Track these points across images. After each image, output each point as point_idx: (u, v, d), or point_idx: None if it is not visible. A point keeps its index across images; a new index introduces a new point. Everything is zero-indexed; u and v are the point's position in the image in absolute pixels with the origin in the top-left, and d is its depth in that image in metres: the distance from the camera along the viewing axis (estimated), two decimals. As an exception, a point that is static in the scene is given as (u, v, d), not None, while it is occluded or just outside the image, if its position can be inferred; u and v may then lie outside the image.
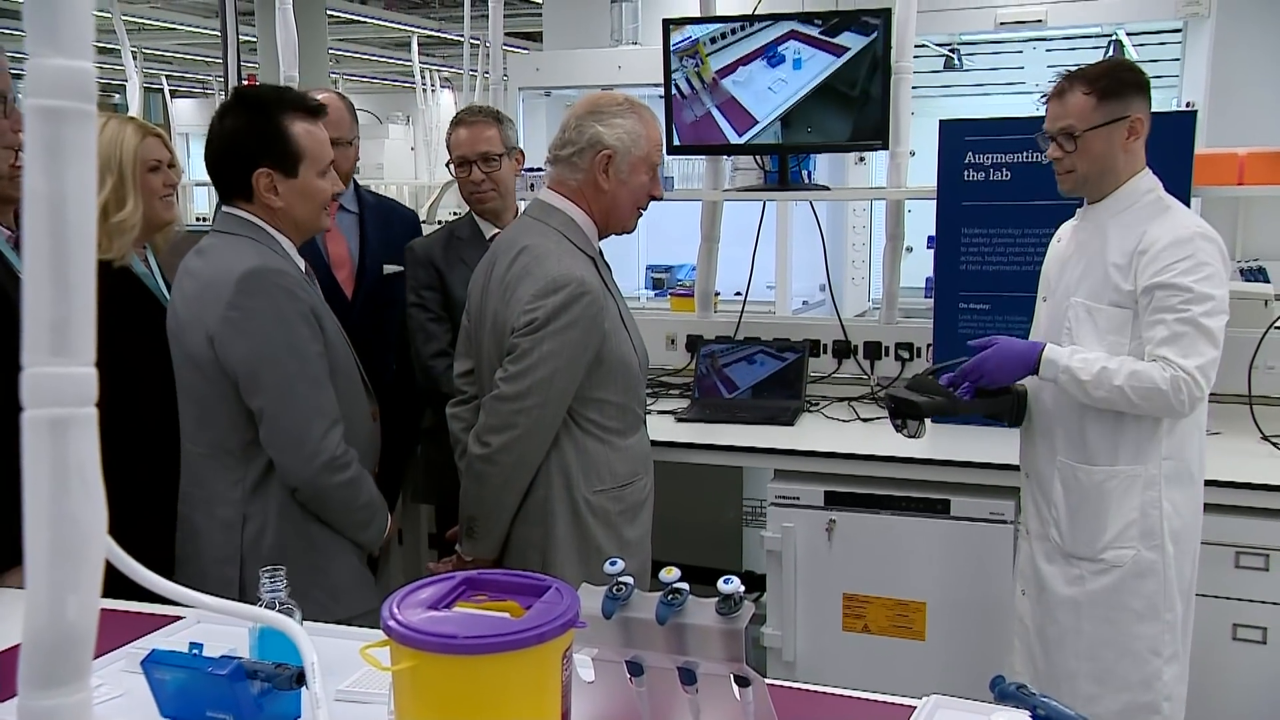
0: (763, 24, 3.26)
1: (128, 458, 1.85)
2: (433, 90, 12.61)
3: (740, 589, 1.23)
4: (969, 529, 2.77)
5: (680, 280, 5.14)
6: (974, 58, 4.97)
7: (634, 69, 4.55)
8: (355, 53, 13.83)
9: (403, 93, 15.59)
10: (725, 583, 1.23)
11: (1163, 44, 4.53)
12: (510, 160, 2.89)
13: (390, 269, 2.93)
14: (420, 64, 11.73)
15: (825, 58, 3.19)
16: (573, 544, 2.17)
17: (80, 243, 0.68)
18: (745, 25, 3.28)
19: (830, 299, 3.82)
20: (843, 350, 3.55)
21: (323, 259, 2.81)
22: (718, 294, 3.90)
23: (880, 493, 2.84)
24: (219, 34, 5.03)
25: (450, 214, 6.81)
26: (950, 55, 4.95)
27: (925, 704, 1.43)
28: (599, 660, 1.34)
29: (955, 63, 4.97)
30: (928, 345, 3.34)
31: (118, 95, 13.06)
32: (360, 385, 2.16)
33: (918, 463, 2.74)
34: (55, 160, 0.67)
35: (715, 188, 3.70)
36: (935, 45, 4.83)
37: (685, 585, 1.26)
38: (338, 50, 12.94)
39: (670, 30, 3.34)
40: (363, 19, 11.22)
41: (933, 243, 3.19)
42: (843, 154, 4.42)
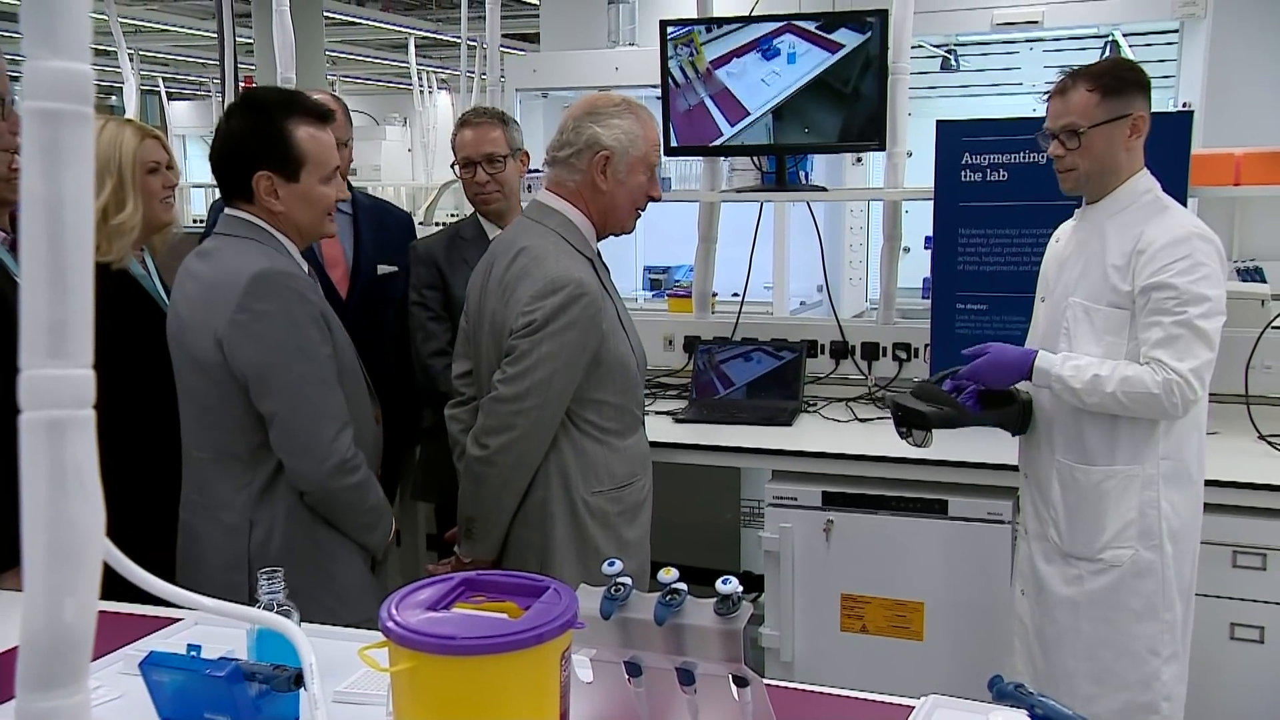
0: (759, 20, 3.26)
1: (126, 460, 1.85)
2: (429, 92, 12.62)
3: (738, 589, 1.23)
4: (966, 529, 2.77)
5: (678, 281, 5.14)
6: (971, 58, 4.98)
7: (631, 70, 4.55)
8: (352, 54, 13.83)
9: (400, 94, 15.60)
10: (723, 583, 1.23)
11: (1159, 44, 4.53)
12: (515, 162, 2.90)
13: (384, 269, 2.93)
14: (417, 65, 11.74)
15: (820, 53, 3.19)
16: (571, 545, 2.17)
17: (78, 245, 0.68)
18: (741, 21, 3.28)
19: (828, 300, 3.82)
20: (840, 351, 3.55)
21: (316, 259, 2.81)
22: (715, 295, 3.90)
23: (878, 493, 2.84)
24: (216, 36, 5.03)
25: (449, 215, 6.82)
26: (947, 56, 4.95)
27: (923, 704, 1.43)
28: (597, 661, 1.34)
29: (952, 63, 4.97)
30: (925, 346, 3.34)
31: (114, 97, 13.04)
32: (365, 387, 2.15)
33: (915, 463, 2.74)
34: (53, 162, 0.67)
35: (713, 188, 3.70)
36: (932, 46, 4.84)
37: (683, 586, 1.26)
38: (335, 52, 12.95)
39: (667, 31, 3.34)
40: (360, 20, 11.22)
41: (930, 243, 3.19)
42: (840, 155, 4.43)
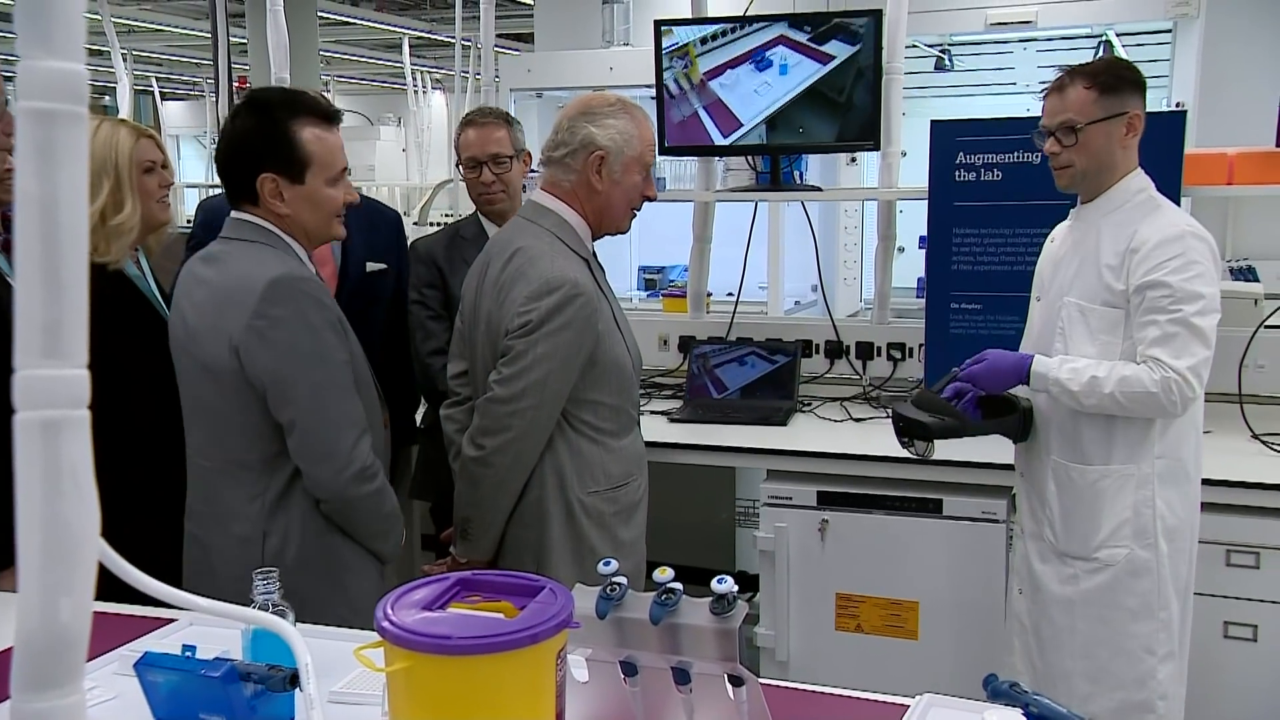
0: (752, 28, 3.27)
1: (121, 461, 1.85)
2: (424, 92, 12.61)
3: (734, 589, 1.23)
4: (961, 528, 2.78)
5: (672, 281, 5.14)
6: (965, 58, 4.98)
7: (625, 70, 4.55)
8: (346, 54, 13.81)
9: (394, 94, 15.58)
10: (719, 582, 1.23)
11: (1152, 44, 4.54)
12: (519, 162, 2.91)
13: (373, 267, 2.92)
14: (411, 65, 11.73)
15: (811, 64, 3.21)
16: (567, 545, 2.17)
17: (72, 245, 0.68)
18: (735, 29, 3.29)
19: (822, 299, 3.82)
20: (835, 350, 3.56)
21: None
22: (710, 294, 3.90)
23: (873, 492, 2.84)
24: (209, 36, 5.03)
25: (443, 215, 6.81)
26: (941, 56, 4.96)
27: (918, 703, 1.43)
28: (593, 660, 1.34)
29: (946, 63, 4.98)
30: (920, 345, 3.34)
31: (108, 97, 13.01)
32: (375, 393, 2.11)
33: (910, 463, 2.73)
34: (47, 162, 0.67)
35: (707, 188, 3.70)
36: (926, 46, 4.84)
37: (679, 585, 1.26)
38: (328, 52, 12.92)
39: (661, 31, 3.35)
40: (354, 20, 11.20)
41: (924, 243, 3.20)
42: (835, 155, 4.43)
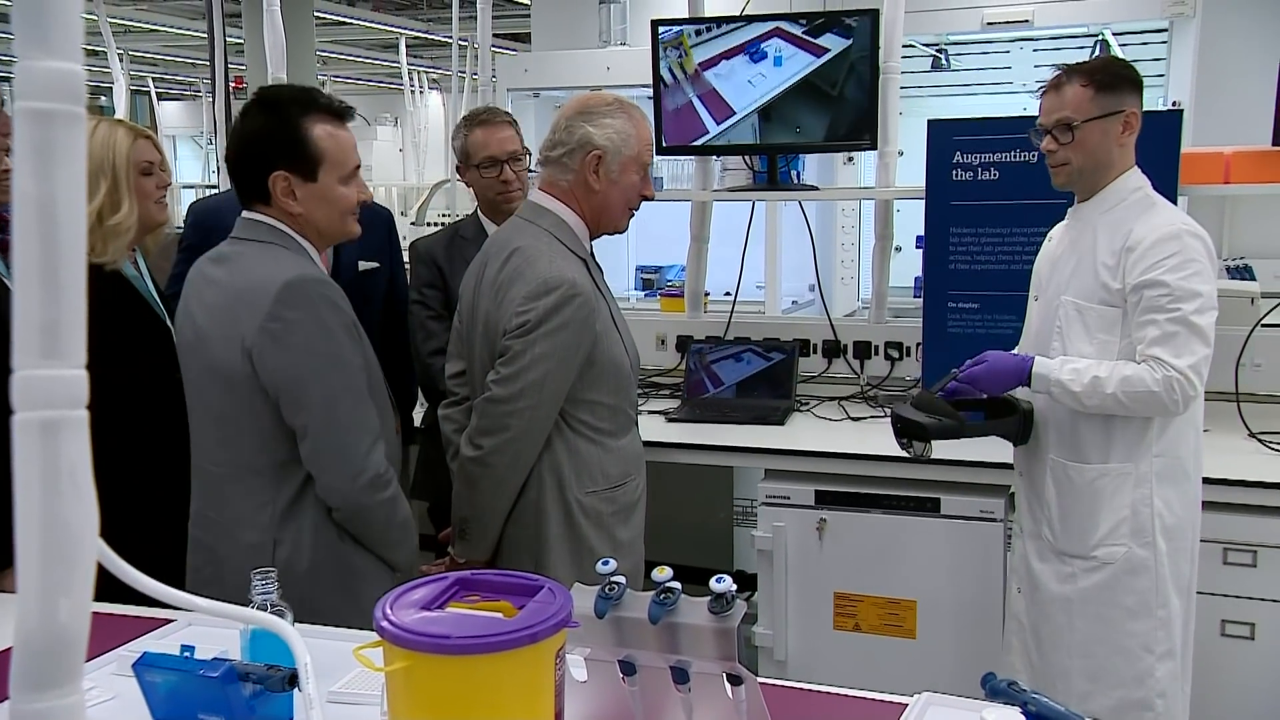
0: (748, 21, 3.28)
1: (119, 462, 1.84)
2: (421, 92, 12.61)
3: (732, 588, 1.23)
4: (959, 527, 2.78)
5: (670, 280, 5.14)
6: (961, 58, 4.99)
7: (622, 70, 4.55)
8: (343, 54, 13.80)
9: (391, 94, 15.56)
10: (717, 581, 1.23)
11: (1149, 43, 4.54)
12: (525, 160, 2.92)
13: (365, 265, 2.92)
14: (408, 65, 11.72)
15: (805, 57, 3.22)
16: (565, 545, 2.17)
17: (71, 245, 0.68)
18: (731, 21, 3.30)
19: (820, 299, 3.82)
20: (832, 350, 3.56)
21: None
22: (707, 294, 3.91)
23: (871, 492, 2.85)
24: (206, 36, 5.02)
25: (440, 215, 6.81)
26: (938, 55, 4.96)
27: (917, 701, 1.43)
28: (592, 660, 1.34)
29: (943, 63, 4.98)
30: (917, 345, 3.35)
31: (104, 98, 13.00)
32: (388, 399, 2.07)
33: (907, 462, 2.73)
34: (45, 163, 0.67)
35: (704, 188, 3.71)
36: (923, 45, 4.84)
37: (677, 584, 1.26)
38: (325, 52, 12.91)
39: (658, 31, 3.35)
40: (350, 20, 11.19)
41: (921, 242, 3.20)
42: (832, 154, 4.43)
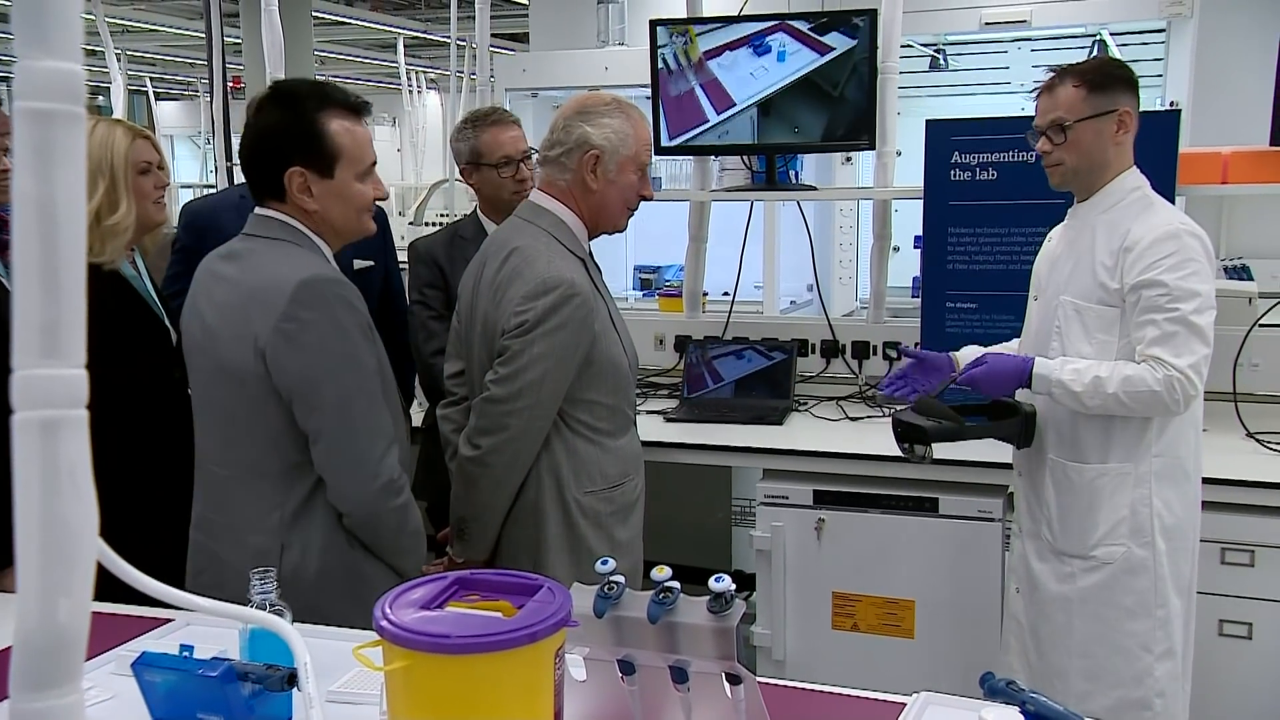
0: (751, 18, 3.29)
1: (118, 461, 1.84)
2: (419, 92, 12.61)
3: (731, 587, 1.23)
4: (957, 527, 2.78)
5: (668, 280, 5.14)
6: (959, 58, 4.99)
7: (621, 70, 4.54)
8: (341, 54, 13.79)
9: (389, 94, 15.55)
10: (716, 581, 1.23)
11: (1146, 44, 4.55)
12: None
13: (360, 264, 2.91)
14: (406, 65, 11.72)
15: (809, 54, 3.22)
16: (564, 545, 2.17)
17: (71, 245, 0.68)
18: (732, 21, 3.30)
19: (818, 299, 3.82)
20: (831, 350, 3.56)
21: None
22: (706, 294, 3.91)
23: (869, 491, 2.85)
24: (204, 36, 5.02)
25: (438, 215, 6.81)
26: (936, 55, 4.96)
27: (915, 701, 1.43)
28: (591, 659, 1.34)
29: (941, 63, 4.98)
30: (915, 344, 3.34)
31: (101, 97, 12.99)
32: (400, 404, 2.04)
33: (906, 462, 2.73)
34: (45, 163, 0.67)
35: (703, 188, 3.71)
36: (921, 45, 4.84)
37: (676, 584, 1.26)
38: (323, 52, 12.91)
39: (657, 31, 3.35)
40: (348, 20, 11.19)
41: (920, 242, 3.20)
42: (830, 154, 4.43)
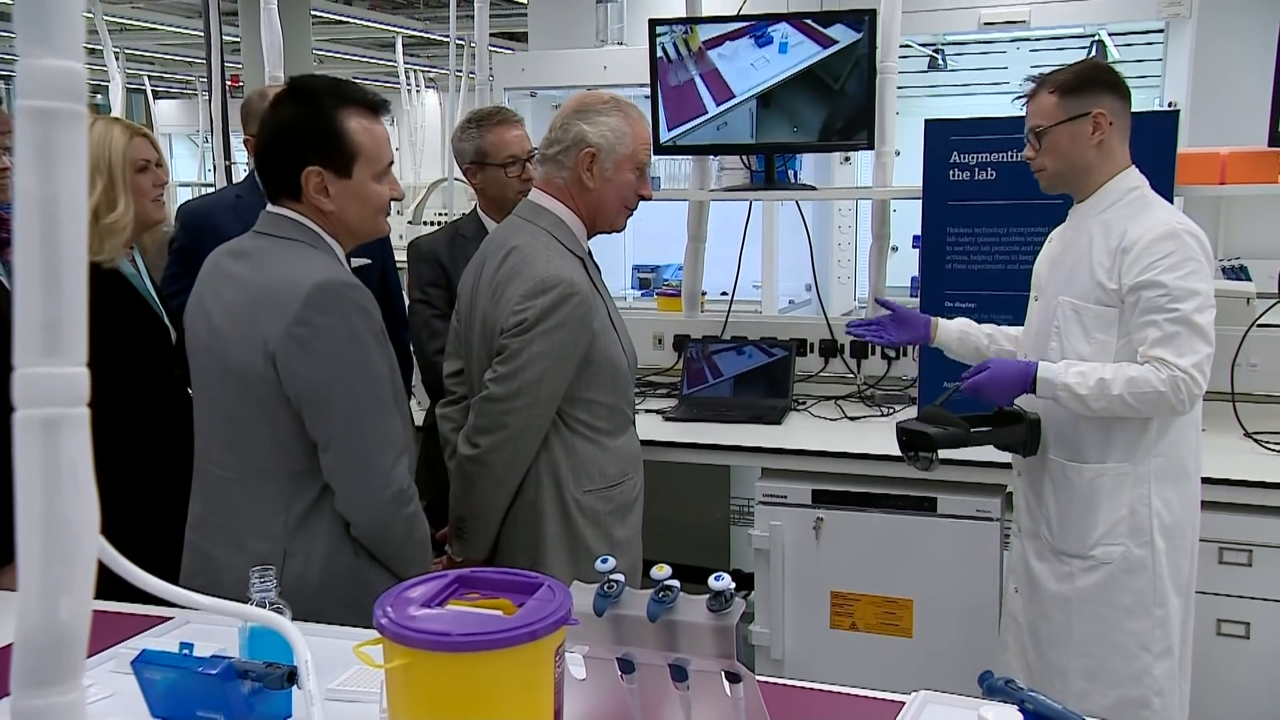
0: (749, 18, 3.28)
1: (118, 460, 1.84)
2: (417, 91, 12.60)
3: (731, 586, 1.23)
4: (956, 527, 2.78)
5: (666, 280, 5.14)
6: (958, 58, 5.00)
7: (619, 69, 4.54)
8: (340, 53, 13.79)
9: (387, 93, 15.55)
10: (716, 579, 1.23)
11: (1145, 44, 4.56)
12: None
13: (357, 262, 2.91)
14: (405, 64, 11.71)
15: (812, 46, 3.20)
16: (562, 544, 2.17)
17: (72, 243, 0.68)
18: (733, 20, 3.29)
19: (816, 298, 3.83)
20: (829, 349, 3.57)
21: None
22: (704, 293, 3.91)
23: (867, 491, 2.85)
24: (202, 34, 5.01)
25: (436, 214, 6.81)
26: (934, 55, 4.97)
27: (914, 699, 1.44)
28: (590, 657, 1.35)
29: (939, 63, 4.99)
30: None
31: (99, 96, 12.97)
32: (409, 412, 2.01)
33: (904, 461, 2.74)
34: (47, 161, 0.67)
35: (702, 187, 3.71)
36: (919, 45, 4.85)
37: (676, 582, 1.26)
38: (322, 51, 12.90)
39: (656, 31, 3.35)
40: (347, 19, 11.19)
41: (918, 242, 3.20)
42: (829, 154, 4.44)
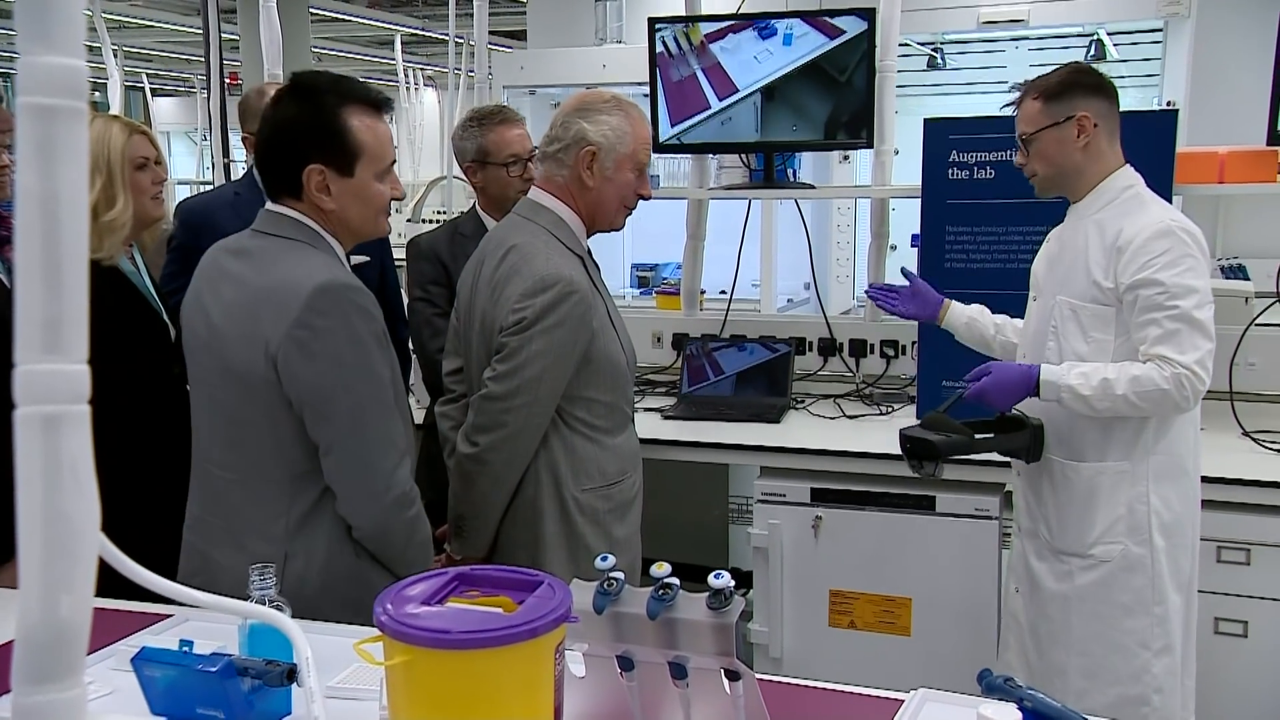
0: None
1: (118, 457, 1.84)
2: (416, 89, 12.59)
3: (731, 584, 1.23)
4: (954, 525, 2.79)
5: (665, 278, 5.15)
6: (957, 57, 5.00)
7: (619, 67, 4.55)
8: (339, 51, 13.77)
9: (386, 91, 15.55)
10: (715, 577, 1.23)
11: (1144, 43, 4.57)
12: None
13: (356, 260, 2.90)
14: (404, 63, 11.70)
15: (818, 37, 3.17)
16: (562, 542, 2.17)
17: (73, 241, 0.68)
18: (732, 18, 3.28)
19: (815, 297, 3.83)
20: (828, 348, 3.57)
21: None
22: (703, 292, 3.91)
23: (866, 489, 2.85)
24: (201, 32, 5.01)
25: (435, 212, 6.80)
26: (933, 54, 4.98)
27: (913, 697, 1.44)
28: (590, 655, 1.35)
29: (939, 62, 4.99)
30: (913, 343, 3.35)
31: (98, 93, 12.95)
32: (410, 414, 2.01)
33: (903, 460, 2.74)
34: (48, 159, 0.67)
35: (701, 186, 3.71)
36: (918, 44, 4.85)
37: (676, 580, 1.26)
38: (321, 49, 12.89)
39: (655, 28, 3.35)
40: (346, 17, 11.17)
41: (917, 241, 3.20)
42: (828, 153, 4.44)
